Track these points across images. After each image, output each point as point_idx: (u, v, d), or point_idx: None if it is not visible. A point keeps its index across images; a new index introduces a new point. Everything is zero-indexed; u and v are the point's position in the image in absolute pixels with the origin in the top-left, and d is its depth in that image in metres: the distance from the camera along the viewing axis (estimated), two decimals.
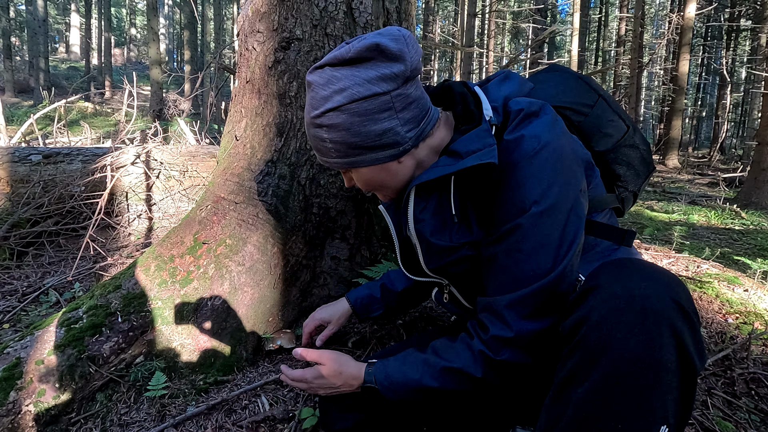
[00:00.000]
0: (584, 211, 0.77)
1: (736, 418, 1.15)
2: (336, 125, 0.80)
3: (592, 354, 0.61)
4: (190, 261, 1.34)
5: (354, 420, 0.97)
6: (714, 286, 1.73)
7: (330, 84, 0.79)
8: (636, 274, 0.64)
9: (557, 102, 0.94)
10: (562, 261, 0.74)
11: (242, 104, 1.51)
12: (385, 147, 0.82)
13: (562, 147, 0.76)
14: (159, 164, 2.56)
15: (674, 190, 7.82)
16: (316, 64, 0.83)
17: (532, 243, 0.74)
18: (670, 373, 0.59)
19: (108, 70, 17.93)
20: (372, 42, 0.76)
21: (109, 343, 1.18)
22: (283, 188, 1.41)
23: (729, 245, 3.39)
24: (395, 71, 0.77)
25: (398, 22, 1.55)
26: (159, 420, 1.10)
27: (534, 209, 0.73)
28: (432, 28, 18.36)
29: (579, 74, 1.00)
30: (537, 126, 0.77)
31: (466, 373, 0.80)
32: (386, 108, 0.79)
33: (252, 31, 1.46)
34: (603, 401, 0.61)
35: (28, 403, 1.06)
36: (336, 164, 0.86)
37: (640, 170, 0.99)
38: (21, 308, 1.72)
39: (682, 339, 0.59)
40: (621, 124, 0.97)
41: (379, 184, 0.88)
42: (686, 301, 0.61)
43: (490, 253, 0.79)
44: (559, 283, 0.74)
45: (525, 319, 0.75)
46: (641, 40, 12.78)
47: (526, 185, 0.74)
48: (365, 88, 0.77)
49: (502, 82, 0.93)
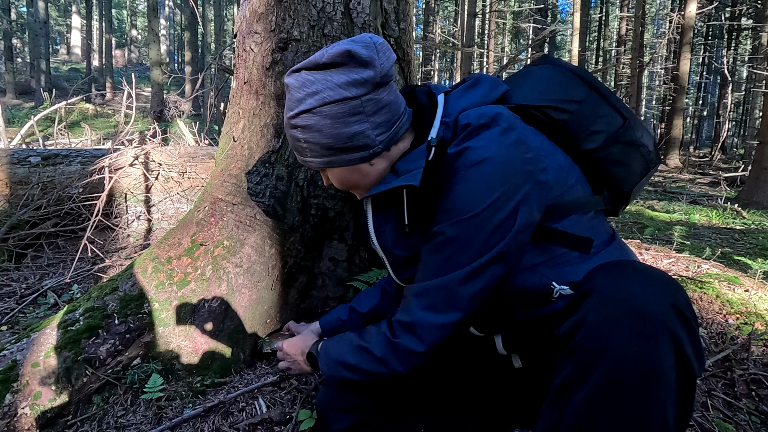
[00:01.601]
0: (523, 223, 0.77)
1: (736, 419, 1.14)
2: (309, 126, 0.84)
3: (589, 360, 0.60)
4: (187, 263, 1.33)
5: (351, 421, 0.96)
6: (714, 286, 1.72)
7: (304, 87, 0.84)
8: (633, 277, 0.63)
9: (538, 101, 0.90)
10: (475, 266, 0.77)
11: (240, 105, 1.51)
12: (356, 149, 0.86)
13: (503, 160, 0.76)
14: (158, 165, 2.56)
15: (675, 189, 7.80)
16: (293, 68, 0.87)
17: (451, 248, 0.78)
18: (669, 379, 0.58)
19: (109, 72, 17.95)
20: (344, 48, 0.81)
21: (105, 345, 1.18)
22: (280, 189, 1.41)
23: (730, 245, 3.37)
24: (365, 77, 0.81)
25: (396, 22, 1.54)
26: (156, 422, 1.10)
27: (460, 219, 0.77)
28: (432, 29, 18.35)
29: (571, 67, 0.93)
30: (481, 139, 0.79)
31: (371, 351, 0.87)
32: (357, 112, 0.83)
33: (250, 32, 1.46)
34: (601, 408, 0.60)
35: (24, 405, 1.06)
36: (312, 163, 0.90)
37: (637, 169, 0.92)
38: (19, 310, 1.71)
39: (681, 344, 0.58)
40: (615, 119, 0.90)
41: (353, 183, 0.92)
42: (685, 305, 0.60)
43: (421, 251, 0.85)
44: (464, 284, 0.77)
45: (424, 309, 0.80)
46: (642, 39, 12.75)
47: (458, 196, 0.77)
48: (336, 92, 0.82)
49: (467, 90, 0.92)
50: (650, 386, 0.58)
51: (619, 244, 0.89)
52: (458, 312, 0.79)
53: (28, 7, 17.47)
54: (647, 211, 5.07)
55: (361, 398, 0.98)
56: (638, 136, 0.91)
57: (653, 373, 0.58)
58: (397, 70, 1.53)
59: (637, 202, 6.06)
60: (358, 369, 0.89)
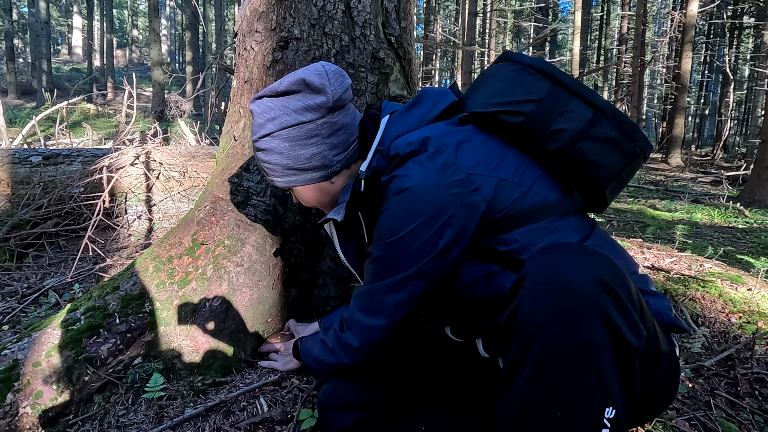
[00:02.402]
0: (447, 244, 0.80)
1: (739, 419, 1.14)
2: (270, 149, 0.92)
3: (524, 343, 0.61)
4: (188, 262, 1.33)
5: (352, 419, 0.96)
6: (717, 285, 1.72)
7: (265, 113, 0.92)
8: (560, 257, 0.63)
9: (489, 106, 0.86)
10: (394, 281, 0.83)
11: (241, 104, 1.50)
12: (315, 169, 0.94)
13: (426, 187, 0.79)
14: (158, 165, 2.56)
15: (677, 188, 7.78)
16: (256, 95, 0.95)
17: (378, 265, 0.86)
18: (604, 353, 0.58)
19: (110, 72, 17.98)
20: (299, 77, 0.89)
21: (107, 344, 1.18)
22: (281, 188, 1.40)
23: (732, 244, 3.36)
24: (318, 102, 0.89)
25: (397, 21, 1.54)
26: (157, 422, 1.10)
27: (384, 242, 0.83)
28: (433, 28, 18.33)
29: (530, 61, 0.87)
30: (407, 168, 0.82)
31: (326, 343, 0.97)
32: (313, 135, 0.91)
33: (250, 31, 1.46)
34: (540, 390, 0.60)
35: (25, 405, 1.06)
36: (277, 182, 0.97)
37: (612, 165, 0.85)
38: (20, 309, 1.71)
39: (610, 316, 0.58)
40: (582, 112, 0.83)
41: (317, 201, 1.00)
42: (611, 277, 0.60)
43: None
44: (388, 295, 0.85)
45: (360, 310, 0.90)
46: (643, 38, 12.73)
47: (383, 222, 0.83)
48: (292, 117, 0.89)
49: (406, 111, 0.94)
50: (585, 361, 0.58)
51: (594, 243, 0.85)
52: (383, 318, 0.86)
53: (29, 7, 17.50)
54: (649, 210, 5.06)
55: (363, 396, 0.98)
56: (609, 130, 0.84)
57: (586, 348, 0.58)
58: (398, 69, 1.52)
59: (639, 201, 6.04)
60: (317, 359, 1.00)
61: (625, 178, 0.88)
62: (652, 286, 0.87)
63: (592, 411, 0.58)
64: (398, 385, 1.02)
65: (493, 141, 0.87)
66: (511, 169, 0.84)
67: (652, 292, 0.84)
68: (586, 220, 0.90)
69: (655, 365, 0.73)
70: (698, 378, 1.29)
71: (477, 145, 0.85)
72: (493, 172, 0.82)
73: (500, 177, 0.82)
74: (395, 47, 1.50)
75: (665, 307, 0.82)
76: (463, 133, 0.87)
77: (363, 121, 0.98)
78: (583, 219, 0.89)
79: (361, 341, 0.90)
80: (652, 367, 0.72)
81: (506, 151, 0.86)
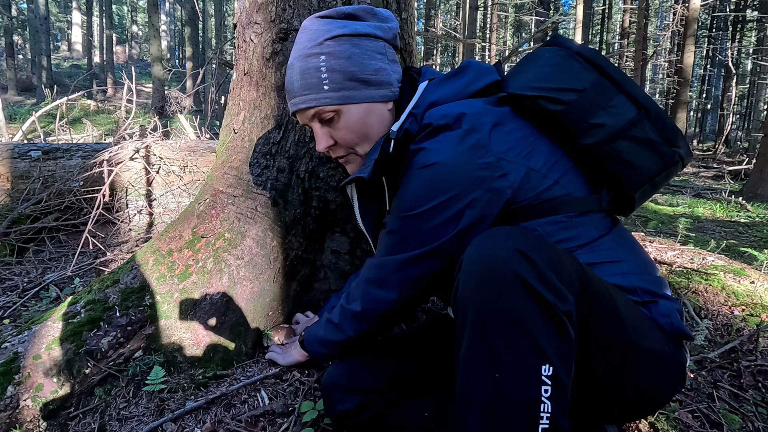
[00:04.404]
0: (467, 225, 0.79)
1: (742, 410, 1.13)
2: (337, 53, 0.84)
3: (461, 315, 0.64)
4: (188, 255, 1.32)
5: (355, 403, 0.95)
6: (720, 278, 1.71)
7: (330, 23, 0.86)
8: (489, 237, 0.67)
9: (530, 90, 0.83)
10: (409, 256, 0.82)
11: (240, 97, 1.49)
12: (380, 85, 0.88)
13: (454, 165, 0.77)
14: (158, 159, 2.55)
15: (679, 182, 7.76)
16: (310, 17, 0.90)
17: (393, 237, 0.85)
18: (530, 315, 0.60)
19: (110, 68, 17.92)
20: (364, 5, 0.89)
21: (107, 337, 1.18)
22: (282, 181, 1.39)
23: (734, 237, 3.35)
24: (389, 25, 0.90)
25: (398, 12, 1.52)
26: (158, 414, 1.09)
27: (403, 214, 0.82)
28: (434, 22, 18.25)
29: (579, 48, 0.84)
30: (437, 141, 0.80)
31: (332, 321, 0.96)
32: (381, 52, 0.88)
33: (249, 23, 1.44)
34: (477, 354, 0.62)
35: (26, 397, 1.06)
36: (327, 100, 0.86)
37: (647, 168, 0.82)
38: (21, 304, 1.71)
39: (528, 281, 0.60)
40: (626, 109, 0.81)
41: (365, 131, 0.89)
42: (528, 246, 0.63)
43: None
44: (400, 270, 0.84)
45: (370, 282, 0.88)
46: (645, 32, 12.65)
47: (406, 193, 0.82)
48: (365, 28, 0.86)
49: (448, 79, 0.91)
50: (511, 323, 0.61)
51: (613, 239, 0.84)
52: (393, 292, 0.85)
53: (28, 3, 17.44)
54: (651, 205, 5.04)
55: (366, 380, 0.97)
56: (650, 132, 0.81)
57: (509, 311, 0.61)
58: (399, 61, 1.51)
59: None
60: (325, 341, 0.98)
61: (659, 183, 0.86)
62: (666, 289, 0.85)
63: (527, 368, 0.60)
64: (401, 371, 1.01)
65: (528, 128, 0.85)
66: (542, 159, 0.82)
67: (663, 295, 0.83)
68: (609, 219, 0.88)
69: (627, 352, 0.74)
70: (701, 370, 1.29)
71: (511, 130, 0.82)
72: (523, 161, 0.80)
73: (529, 166, 0.81)
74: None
75: (674, 310, 0.81)
76: (499, 114, 0.83)
77: (405, 74, 0.95)
78: (606, 217, 0.87)
79: (368, 312, 0.89)
80: (617, 350, 0.73)
81: (539, 141, 0.84)
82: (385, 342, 1.11)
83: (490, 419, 0.60)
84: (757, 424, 1.08)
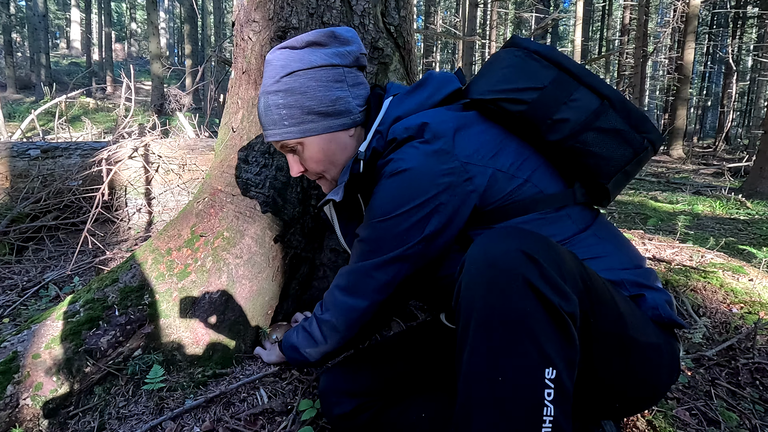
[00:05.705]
0: (434, 231, 0.80)
1: (740, 408, 1.13)
2: (293, 89, 0.87)
3: (465, 318, 0.64)
4: (187, 254, 1.33)
5: (352, 405, 0.96)
6: (718, 275, 1.71)
7: (288, 57, 0.88)
8: (492, 238, 0.66)
9: (491, 93, 0.85)
10: (378, 262, 0.83)
11: (239, 95, 1.49)
12: (339, 114, 0.90)
13: (419, 172, 0.79)
14: (157, 158, 2.55)
15: (678, 180, 7.76)
16: (276, 47, 0.91)
17: (363, 245, 0.86)
18: (534, 318, 0.60)
19: (109, 66, 17.89)
20: (326, 30, 0.89)
21: (106, 336, 1.18)
22: (280, 180, 1.39)
23: (734, 235, 3.35)
24: (348, 50, 0.90)
25: (396, 10, 1.52)
26: (157, 413, 1.10)
27: (372, 222, 0.84)
28: (433, 19, 18.19)
29: (536, 47, 0.85)
30: (403, 152, 0.81)
31: (305, 329, 0.96)
32: (340, 79, 0.89)
33: (248, 21, 1.44)
34: (481, 357, 0.62)
35: (25, 396, 1.06)
36: (288, 134, 0.90)
37: (617, 157, 0.82)
38: (21, 302, 1.72)
39: (533, 283, 0.60)
40: (588, 101, 0.81)
41: (329, 160, 0.93)
42: (534, 248, 0.62)
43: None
44: (369, 276, 0.85)
45: (340, 289, 0.89)
46: (646, 28, 12.62)
47: (375, 202, 0.84)
48: (320, 59, 0.87)
49: (409, 94, 0.92)
50: (516, 325, 0.60)
51: (594, 233, 0.84)
52: (364, 299, 0.86)
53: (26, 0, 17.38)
54: (650, 202, 5.04)
55: (361, 383, 0.98)
56: (615, 121, 0.81)
57: (514, 313, 0.60)
58: (398, 59, 1.51)
59: (640, 193, 6.02)
60: (298, 349, 0.97)
61: (631, 171, 0.85)
62: (656, 281, 0.85)
63: (531, 372, 0.59)
64: (397, 373, 1.02)
65: (494, 130, 0.86)
66: (509, 159, 0.82)
67: (652, 287, 0.83)
68: (588, 212, 0.88)
69: (627, 347, 0.74)
70: (699, 368, 1.29)
71: (476, 134, 0.83)
72: (489, 163, 0.81)
73: (496, 168, 0.81)
74: (394, 37, 1.49)
75: (663, 301, 0.81)
76: (463, 119, 0.85)
77: (370, 94, 0.96)
78: (584, 211, 0.87)
79: (340, 321, 0.89)
80: (618, 347, 0.73)
81: (506, 141, 0.85)
82: (381, 344, 1.11)
83: (493, 422, 0.60)
84: (754, 422, 1.09)
